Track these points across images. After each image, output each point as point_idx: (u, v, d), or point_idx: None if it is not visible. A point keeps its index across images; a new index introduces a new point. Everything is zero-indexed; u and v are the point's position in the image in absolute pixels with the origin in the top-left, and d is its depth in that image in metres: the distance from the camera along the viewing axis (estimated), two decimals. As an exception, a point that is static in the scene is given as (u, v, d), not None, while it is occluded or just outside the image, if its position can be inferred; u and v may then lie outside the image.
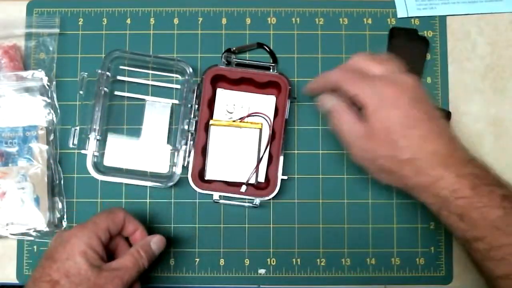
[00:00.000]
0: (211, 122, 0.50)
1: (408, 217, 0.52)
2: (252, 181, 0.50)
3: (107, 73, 0.50)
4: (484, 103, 0.54)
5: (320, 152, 0.53)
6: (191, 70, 0.50)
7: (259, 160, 0.50)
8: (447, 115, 0.52)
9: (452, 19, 0.55)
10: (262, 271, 0.52)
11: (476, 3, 0.55)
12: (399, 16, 0.54)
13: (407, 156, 0.40)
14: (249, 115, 0.51)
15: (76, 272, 0.40)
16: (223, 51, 0.53)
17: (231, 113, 0.51)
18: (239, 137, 0.50)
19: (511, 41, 0.54)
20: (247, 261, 0.52)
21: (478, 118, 0.53)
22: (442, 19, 0.54)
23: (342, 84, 0.42)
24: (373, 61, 0.43)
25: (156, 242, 0.45)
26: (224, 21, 0.54)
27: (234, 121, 0.51)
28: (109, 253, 0.44)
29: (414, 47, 0.53)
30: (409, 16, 0.54)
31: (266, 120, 0.51)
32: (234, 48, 0.53)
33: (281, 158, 0.49)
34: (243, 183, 0.50)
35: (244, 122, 0.51)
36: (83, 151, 0.49)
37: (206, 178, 0.50)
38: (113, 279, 0.41)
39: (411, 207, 0.52)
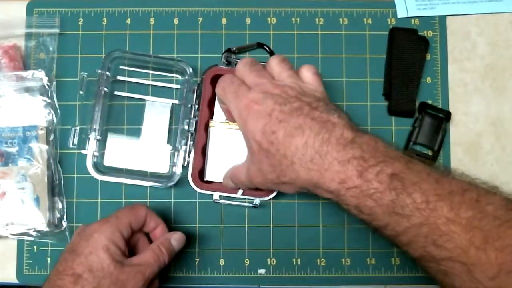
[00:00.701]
0: (210, 123, 0.50)
1: (408, 217, 0.52)
2: None
3: (107, 73, 0.50)
4: (484, 103, 0.54)
5: (320, 152, 0.53)
6: (191, 70, 0.50)
7: None
8: (447, 115, 0.52)
9: (452, 19, 0.55)
10: (262, 271, 0.52)
11: (476, 3, 0.55)
12: (399, 16, 0.54)
13: (281, 159, 0.38)
14: None
15: (99, 266, 0.40)
16: (223, 51, 0.53)
17: None
18: (239, 138, 0.50)
19: (511, 41, 0.54)
20: (247, 261, 0.52)
21: (478, 118, 0.53)
22: (442, 19, 0.55)
23: (220, 95, 0.43)
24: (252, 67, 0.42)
25: (176, 239, 0.46)
26: (224, 21, 0.54)
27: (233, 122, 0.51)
28: (129, 248, 0.44)
29: (414, 47, 0.53)
30: (409, 16, 0.54)
31: None
32: (234, 48, 0.53)
33: None
34: None
35: None
36: (83, 151, 0.49)
37: (206, 179, 0.50)
38: (135, 275, 0.41)
39: (411, 207, 0.52)
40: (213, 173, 0.50)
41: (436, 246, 0.34)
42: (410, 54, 0.53)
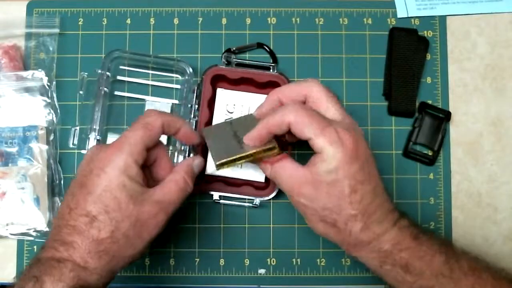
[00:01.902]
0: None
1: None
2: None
3: (107, 73, 0.50)
4: (484, 103, 0.54)
5: (320, 152, 0.53)
6: (191, 70, 0.50)
7: None
8: (447, 115, 0.52)
9: (452, 19, 0.55)
10: (262, 271, 0.52)
11: (476, 3, 0.55)
12: (399, 16, 0.54)
13: (356, 211, 0.38)
14: None
15: (116, 207, 0.36)
16: (223, 51, 0.53)
17: (231, 113, 0.51)
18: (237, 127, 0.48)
19: (511, 41, 0.54)
20: (247, 261, 0.52)
21: (478, 118, 0.53)
22: (442, 19, 0.54)
23: (295, 125, 0.38)
24: (330, 99, 0.40)
25: (197, 164, 0.43)
26: (224, 21, 0.54)
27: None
28: (148, 166, 0.41)
29: (414, 47, 0.53)
30: (409, 16, 0.54)
31: None
32: (234, 48, 0.53)
33: None
34: (243, 181, 0.50)
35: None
36: (83, 151, 0.49)
37: (207, 173, 0.50)
38: (157, 214, 0.38)
39: (411, 207, 0.52)
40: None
41: None
42: (410, 54, 0.53)
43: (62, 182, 0.51)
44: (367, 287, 0.52)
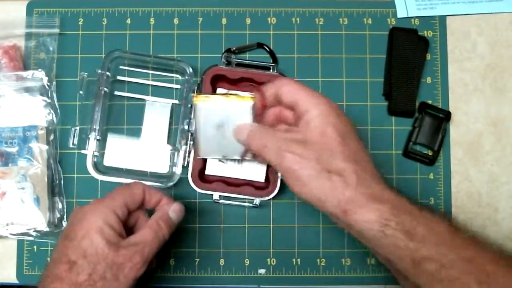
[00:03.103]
0: (194, 99, 0.46)
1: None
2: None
3: (107, 73, 0.50)
4: (484, 103, 0.54)
5: (320, 152, 0.53)
6: (191, 70, 0.50)
7: None
8: (447, 115, 0.52)
9: (452, 19, 0.55)
10: (262, 271, 0.52)
11: (476, 3, 0.55)
12: (399, 16, 0.54)
13: (348, 162, 0.38)
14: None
15: (93, 251, 0.38)
16: (223, 51, 0.53)
17: None
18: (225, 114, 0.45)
19: (511, 41, 0.54)
20: (247, 261, 0.52)
21: (478, 118, 0.53)
22: (442, 19, 0.54)
23: (287, 93, 0.41)
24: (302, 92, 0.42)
25: (174, 210, 0.43)
26: (224, 21, 0.54)
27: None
28: (129, 228, 0.42)
29: (414, 47, 0.53)
30: (409, 16, 0.54)
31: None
32: (234, 48, 0.53)
33: None
34: (243, 181, 0.50)
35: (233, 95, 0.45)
36: (83, 151, 0.49)
37: (207, 173, 0.50)
38: (132, 256, 0.39)
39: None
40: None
41: (481, 285, 0.35)
42: (410, 54, 0.53)
43: (62, 182, 0.51)
44: (367, 287, 0.52)
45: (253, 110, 0.43)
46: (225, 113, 0.44)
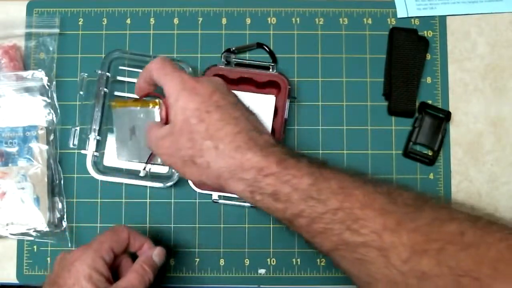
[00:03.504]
0: (112, 104, 0.49)
1: (408, 217, 0.52)
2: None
3: (107, 73, 0.50)
4: (484, 103, 0.54)
5: (320, 152, 0.53)
6: (190, 70, 0.50)
7: None
8: (447, 115, 0.52)
9: (452, 19, 0.55)
10: (262, 271, 0.52)
11: (476, 3, 0.55)
12: (399, 16, 0.54)
13: (206, 139, 0.38)
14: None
15: None
16: (223, 51, 0.53)
17: None
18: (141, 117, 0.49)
19: (511, 41, 0.54)
20: (247, 261, 0.52)
21: (478, 118, 0.53)
22: (442, 19, 0.54)
23: (152, 72, 0.42)
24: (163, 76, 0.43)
25: (157, 254, 0.44)
26: (224, 21, 0.54)
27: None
28: (113, 271, 0.43)
29: (414, 47, 0.53)
30: (409, 16, 0.54)
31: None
32: (233, 48, 0.53)
33: None
34: None
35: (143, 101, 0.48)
36: (83, 151, 0.49)
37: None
38: None
39: (411, 207, 0.52)
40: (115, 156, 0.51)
41: (351, 231, 0.35)
42: (410, 54, 0.53)
43: (62, 182, 0.51)
44: (367, 287, 0.52)
45: (158, 115, 0.46)
46: (136, 118, 0.48)
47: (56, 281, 0.40)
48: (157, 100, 0.48)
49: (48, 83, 0.51)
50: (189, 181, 0.49)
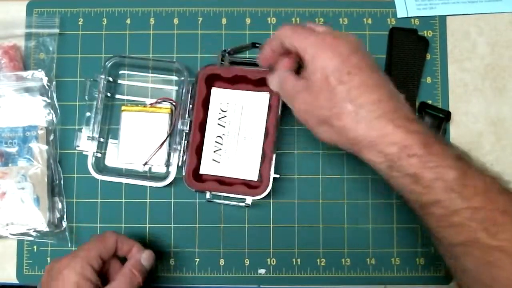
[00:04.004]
0: (122, 108, 0.51)
1: (408, 217, 0.52)
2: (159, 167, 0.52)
3: (108, 77, 0.50)
4: (484, 103, 0.54)
5: (320, 152, 0.53)
6: (186, 70, 0.50)
7: (161, 145, 0.50)
8: (447, 115, 0.52)
9: (452, 19, 0.55)
10: (262, 271, 0.52)
11: (476, 3, 0.55)
12: (399, 16, 0.54)
13: (346, 103, 0.37)
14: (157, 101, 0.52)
15: None
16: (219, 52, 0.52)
17: (225, 111, 0.51)
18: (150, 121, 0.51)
19: (511, 41, 0.54)
20: (247, 261, 0.52)
21: (478, 118, 0.53)
22: (442, 19, 0.54)
23: (285, 38, 0.40)
24: (316, 24, 0.41)
25: (146, 258, 0.45)
26: (224, 21, 0.54)
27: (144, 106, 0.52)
28: (102, 275, 0.43)
29: (414, 47, 0.53)
30: (409, 16, 0.54)
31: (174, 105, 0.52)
32: (229, 49, 0.52)
33: (274, 156, 0.49)
34: (237, 180, 0.50)
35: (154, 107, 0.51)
36: (84, 153, 0.50)
37: (201, 172, 0.50)
38: None
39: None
40: (126, 156, 0.51)
41: (488, 233, 0.34)
42: (410, 54, 0.53)
43: (62, 182, 0.51)
44: (367, 287, 0.52)
45: (170, 120, 0.51)
46: (145, 123, 0.50)
47: None
48: (169, 106, 0.51)
49: (48, 83, 0.51)
50: (184, 180, 0.49)
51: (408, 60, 0.53)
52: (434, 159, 0.35)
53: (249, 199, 0.48)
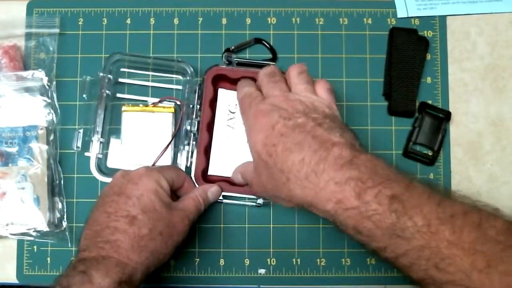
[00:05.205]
0: (123, 108, 0.51)
1: (408, 217, 0.52)
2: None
3: (109, 76, 0.50)
4: (484, 103, 0.54)
5: (320, 152, 0.53)
6: (192, 70, 0.50)
7: (167, 145, 0.50)
8: (447, 115, 0.52)
9: (452, 19, 0.55)
10: (262, 271, 0.52)
11: (476, 3, 0.55)
12: (399, 16, 0.54)
13: (279, 173, 0.38)
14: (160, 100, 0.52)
15: (152, 208, 0.41)
16: (223, 51, 0.53)
17: (233, 113, 0.51)
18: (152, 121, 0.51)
19: (511, 41, 0.54)
20: (247, 261, 0.52)
21: (478, 118, 0.53)
22: (442, 19, 0.55)
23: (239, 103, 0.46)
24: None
25: (213, 192, 0.48)
26: (224, 21, 0.54)
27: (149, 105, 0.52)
28: (174, 189, 0.46)
29: (414, 47, 0.53)
30: (409, 16, 0.54)
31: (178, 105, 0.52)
32: (232, 47, 0.53)
33: None
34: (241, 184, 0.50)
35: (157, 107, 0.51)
36: (86, 153, 0.49)
37: (209, 173, 0.50)
38: (183, 218, 0.43)
39: (411, 207, 0.52)
40: (129, 158, 0.51)
41: (438, 269, 0.34)
42: (410, 54, 0.53)
43: (62, 182, 0.51)
44: (367, 287, 0.52)
45: (174, 120, 0.51)
46: (147, 123, 0.50)
47: (124, 191, 0.42)
48: (171, 106, 0.51)
49: (48, 83, 0.51)
50: (193, 179, 0.50)
51: (408, 60, 0.53)
52: (370, 208, 0.35)
53: (260, 199, 0.49)
